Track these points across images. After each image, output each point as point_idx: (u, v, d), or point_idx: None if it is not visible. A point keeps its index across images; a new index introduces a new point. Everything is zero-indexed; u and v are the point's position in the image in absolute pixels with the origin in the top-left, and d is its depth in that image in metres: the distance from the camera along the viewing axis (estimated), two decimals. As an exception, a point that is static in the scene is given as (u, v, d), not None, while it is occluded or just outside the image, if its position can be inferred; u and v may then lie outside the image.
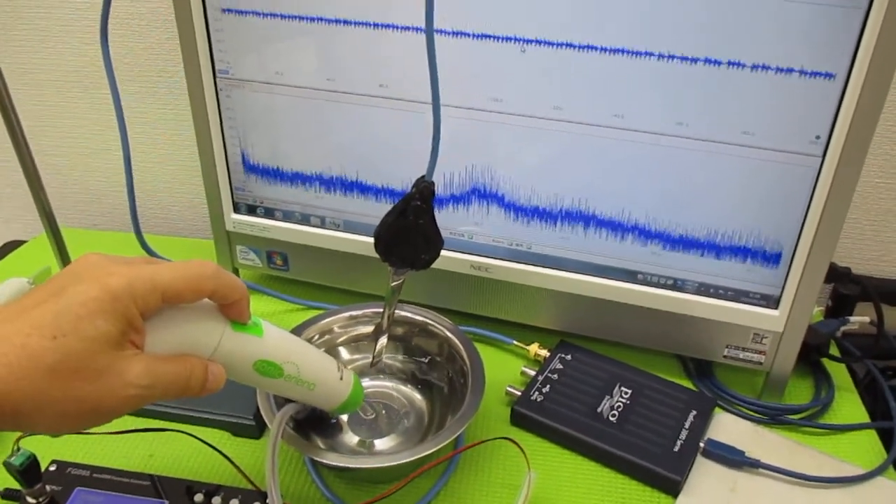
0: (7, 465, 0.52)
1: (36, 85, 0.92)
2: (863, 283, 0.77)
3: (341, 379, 0.55)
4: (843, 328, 0.75)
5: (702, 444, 0.62)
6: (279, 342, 0.51)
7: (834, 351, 0.74)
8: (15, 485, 0.54)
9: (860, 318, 0.76)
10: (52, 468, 0.58)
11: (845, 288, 0.78)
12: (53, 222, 0.74)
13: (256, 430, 0.64)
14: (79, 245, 0.79)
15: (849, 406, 0.70)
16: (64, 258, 0.77)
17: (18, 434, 0.52)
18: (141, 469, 0.59)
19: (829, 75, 0.55)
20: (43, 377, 0.38)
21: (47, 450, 0.59)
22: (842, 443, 0.66)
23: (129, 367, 0.40)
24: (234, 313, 0.46)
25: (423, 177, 0.55)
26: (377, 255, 0.58)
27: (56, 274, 0.43)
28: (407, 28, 0.63)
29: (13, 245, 0.95)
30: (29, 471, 0.53)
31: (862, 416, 0.69)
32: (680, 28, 0.56)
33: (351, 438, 0.62)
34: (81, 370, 0.38)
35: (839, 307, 0.79)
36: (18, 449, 0.52)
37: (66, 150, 0.98)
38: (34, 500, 0.54)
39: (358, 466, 0.57)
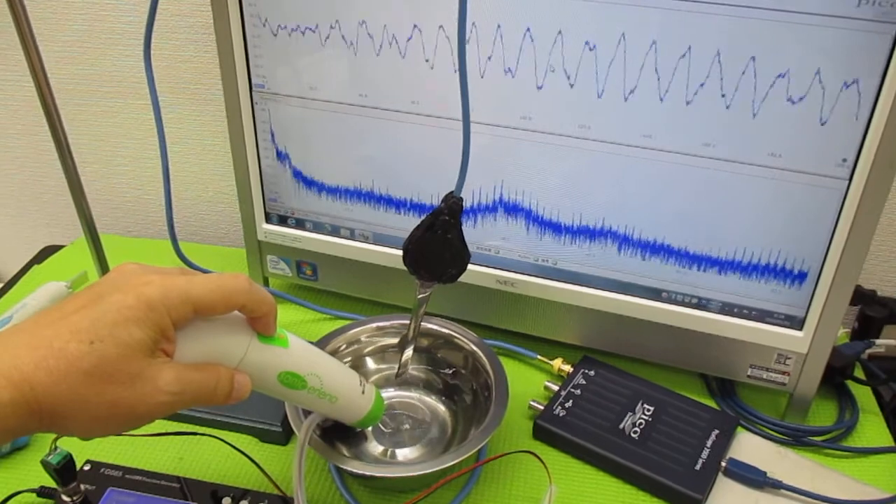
0: (44, 463, 0.54)
1: (78, 94, 0.95)
2: (889, 306, 0.77)
3: (363, 393, 0.56)
4: (868, 351, 0.74)
5: (723, 464, 0.62)
6: (304, 354, 0.52)
7: (859, 373, 0.74)
8: (51, 483, 0.56)
9: (886, 341, 0.75)
10: (87, 468, 0.59)
11: (871, 310, 0.78)
12: (93, 228, 0.76)
13: (283, 436, 0.66)
14: (115, 251, 0.82)
15: (873, 429, 0.69)
16: (102, 264, 0.79)
17: (56, 434, 0.54)
18: (170, 471, 0.61)
19: (856, 99, 0.55)
20: (80, 381, 0.39)
21: (82, 450, 0.61)
22: (865, 466, 0.65)
23: (160, 374, 0.41)
24: (261, 326, 0.47)
25: (451, 192, 0.56)
26: (405, 268, 0.59)
27: (95, 282, 0.44)
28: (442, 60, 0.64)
29: (51, 250, 0.98)
30: (65, 470, 0.55)
31: (886, 439, 0.68)
32: (706, 52, 0.57)
33: (375, 447, 0.63)
34: (115, 375, 0.40)
35: (865, 329, 0.78)
36: (56, 448, 0.54)
37: (103, 158, 1.00)
38: (69, 499, 0.56)
39: (382, 475, 0.58)
